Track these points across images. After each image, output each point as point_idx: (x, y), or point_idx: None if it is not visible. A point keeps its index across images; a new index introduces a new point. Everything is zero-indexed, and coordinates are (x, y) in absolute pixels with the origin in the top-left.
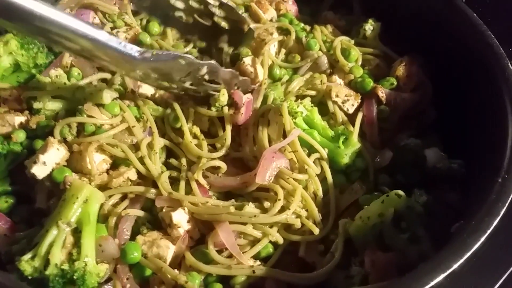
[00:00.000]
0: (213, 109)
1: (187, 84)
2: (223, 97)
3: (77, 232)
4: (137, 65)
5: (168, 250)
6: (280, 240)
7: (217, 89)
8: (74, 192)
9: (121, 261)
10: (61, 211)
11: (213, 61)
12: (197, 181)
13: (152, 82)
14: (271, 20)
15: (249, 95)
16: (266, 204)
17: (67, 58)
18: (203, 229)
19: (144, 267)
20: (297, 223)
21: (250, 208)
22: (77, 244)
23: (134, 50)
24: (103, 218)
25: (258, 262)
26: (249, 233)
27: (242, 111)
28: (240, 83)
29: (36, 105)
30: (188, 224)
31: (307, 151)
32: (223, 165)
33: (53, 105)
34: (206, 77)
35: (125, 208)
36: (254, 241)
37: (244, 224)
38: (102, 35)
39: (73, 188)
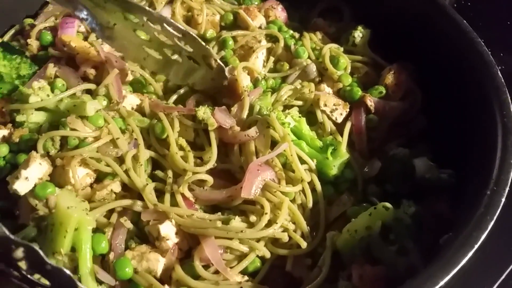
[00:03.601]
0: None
1: None
2: (205, 115)
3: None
4: None
5: (158, 263)
6: (267, 255)
7: None
8: (62, 221)
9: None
10: (53, 243)
11: None
12: (182, 194)
13: None
14: (260, 27)
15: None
16: (252, 218)
17: (51, 69)
18: (190, 241)
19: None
20: (285, 237)
21: (237, 222)
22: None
23: None
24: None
25: (246, 278)
26: (236, 248)
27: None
28: None
29: (19, 118)
30: (176, 237)
31: None
32: (210, 179)
33: (37, 118)
34: None
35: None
36: (241, 256)
37: (231, 239)
38: None
39: (59, 216)
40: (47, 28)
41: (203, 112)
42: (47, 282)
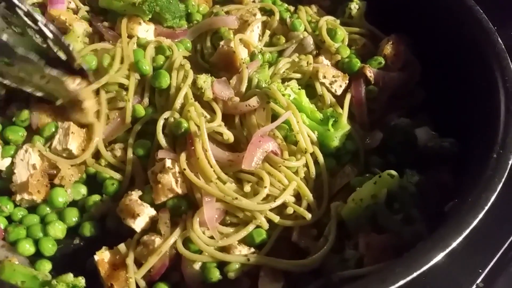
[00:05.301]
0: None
1: None
2: (204, 84)
3: None
4: None
5: None
6: (265, 226)
7: None
8: None
9: None
10: None
11: None
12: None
13: None
14: (253, 1)
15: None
16: (246, 188)
17: None
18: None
19: None
20: (289, 211)
21: (231, 186)
22: None
23: None
24: None
25: (252, 250)
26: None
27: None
28: None
29: None
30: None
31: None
32: (229, 133)
33: None
34: None
35: None
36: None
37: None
38: None
39: None
40: (35, 4)
41: (203, 80)
42: None
